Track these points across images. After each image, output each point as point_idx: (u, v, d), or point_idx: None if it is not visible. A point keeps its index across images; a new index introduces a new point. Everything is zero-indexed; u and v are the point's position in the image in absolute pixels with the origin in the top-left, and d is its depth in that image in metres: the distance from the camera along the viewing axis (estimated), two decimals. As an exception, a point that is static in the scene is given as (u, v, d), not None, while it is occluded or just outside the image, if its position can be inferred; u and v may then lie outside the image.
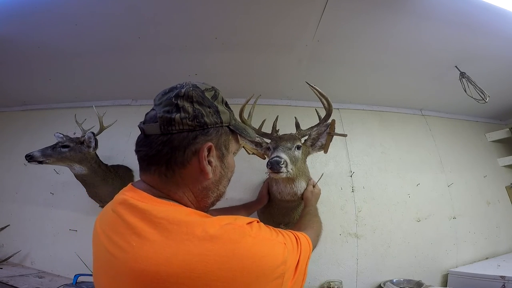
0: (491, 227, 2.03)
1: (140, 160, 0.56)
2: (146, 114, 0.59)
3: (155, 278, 0.42)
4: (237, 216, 0.53)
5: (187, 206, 0.55)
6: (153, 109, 0.58)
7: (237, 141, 0.65)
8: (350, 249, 1.74)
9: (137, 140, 0.58)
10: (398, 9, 1.25)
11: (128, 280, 0.44)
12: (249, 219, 0.53)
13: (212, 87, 0.61)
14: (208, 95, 0.58)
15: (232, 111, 0.64)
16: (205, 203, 0.60)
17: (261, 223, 0.55)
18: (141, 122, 0.58)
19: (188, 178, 0.55)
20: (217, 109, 0.58)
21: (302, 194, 1.25)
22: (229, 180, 0.67)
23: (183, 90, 0.55)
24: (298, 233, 0.63)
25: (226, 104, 0.63)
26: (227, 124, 0.60)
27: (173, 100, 0.54)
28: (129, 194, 0.53)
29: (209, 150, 0.55)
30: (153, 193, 0.53)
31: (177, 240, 0.44)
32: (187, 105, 0.54)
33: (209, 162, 0.56)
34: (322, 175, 1.26)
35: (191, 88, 0.56)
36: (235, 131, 0.62)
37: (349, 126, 2.05)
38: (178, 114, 0.53)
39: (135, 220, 0.48)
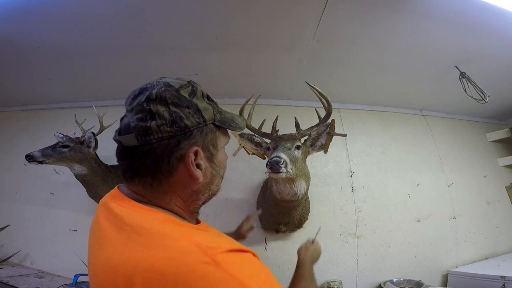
0: (491, 227, 2.03)
1: (123, 172, 0.53)
2: (121, 121, 0.53)
3: (103, 284, 0.43)
4: (229, 238, 0.49)
5: (174, 211, 0.52)
6: (126, 115, 0.52)
7: (225, 134, 0.60)
8: (350, 249, 1.74)
9: (116, 152, 0.53)
10: (398, 9, 1.25)
11: (90, 280, 0.47)
12: (241, 246, 0.47)
13: (188, 82, 0.55)
14: (185, 92, 0.52)
15: (215, 103, 0.58)
16: (195, 205, 0.57)
17: (257, 260, 0.48)
18: (116, 132, 0.53)
19: (177, 185, 0.52)
20: (198, 107, 0.52)
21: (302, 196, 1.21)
22: (222, 177, 0.61)
23: (154, 92, 0.49)
24: None
25: (208, 98, 0.57)
26: (211, 121, 0.54)
27: (145, 105, 0.49)
28: (111, 197, 0.53)
29: (196, 153, 0.51)
30: (135, 198, 0.51)
31: (132, 249, 0.42)
32: (161, 109, 0.48)
33: (198, 166, 0.52)
34: (319, 229, 1.08)
35: (163, 89, 0.50)
36: (222, 126, 0.57)
37: (349, 126, 2.05)
38: (154, 122, 0.47)
39: (107, 223, 0.48)
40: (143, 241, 0.42)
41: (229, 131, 0.62)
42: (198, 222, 0.61)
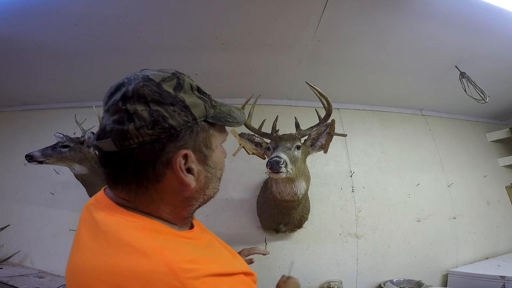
0: (491, 227, 2.03)
1: (106, 178, 0.48)
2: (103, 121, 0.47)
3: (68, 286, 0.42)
4: (218, 254, 0.46)
5: (161, 217, 0.47)
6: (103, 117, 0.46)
7: (222, 131, 0.53)
8: (350, 249, 1.74)
9: (98, 156, 0.47)
10: (398, 9, 1.25)
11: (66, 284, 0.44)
12: (228, 268, 0.43)
13: (172, 73, 0.47)
14: (168, 86, 0.44)
15: (208, 96, 0.51)
16: (188, 211, 0.51)
17: (248, 283, 0.44)
18: (95, 136, 0.46)
19: (165, 193, 0.46)
20: (185, 103, 0.45)
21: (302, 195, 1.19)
22: (220, 179, 0.55)
23: (130, 89, 0.42)
24: None
25: (199, 90, 0.49)
26: (203, 118, 0.47)
27: (120, 104, 0.42)
28: (95, 200, 0.49)
29: (185, 157, 0.45)
30: (119, 202, 0.46)
31: (98, 258, 0.39)
32: (140, 108, 0.42)
33: (190, 170, 0.46)
34: (292, 264, 1.12)
35: (141, 84, 0.43)
36: (217, 123, 0.50)
37: (349, 126, 2.05)
38: (132, 124, 0.41)
39: (84, 228, 0.46)
40: (112, 252, 0.39)
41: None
42: (192, 226, 0.56)
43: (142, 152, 0.42)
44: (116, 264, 0.37)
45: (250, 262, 0.97)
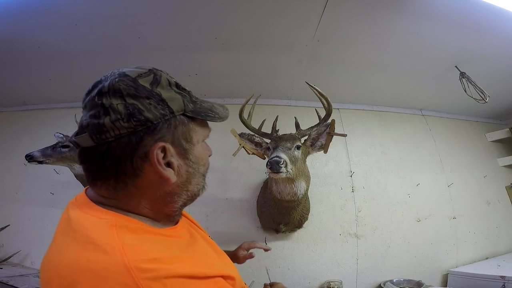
0: (491, 227, 2.03)
1: (85, 175, 0.47)
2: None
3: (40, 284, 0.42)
4: (197, 256, 0.45)
5: (142, 214, 0.47)
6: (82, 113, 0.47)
7: (203, 126, 0.53)
8: (350, 249, 1.74)
9: (77, 153, 0.47)
10: (398, 9, 1.25)
11: None
12: (209, 270, 0.42)
13: (149, 69, 0.47)
14: (145, 82, 0.45)
15: (188, 92, 0.51)
16: (171, 208, 0.50)
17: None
18: (74, 133, 0.47)
19: (145, 188, 0.46)
20: (161, 97, 0.45)
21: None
22: (204, 175, 0.54)
23: (106, 84, 0.43)
24: None
25: (177, 86, 0.49)
26: (181, 112, 0.47)
27: (96, 99, 0.43)
28: (75, 199, 0.49)
29: (164, 150, 0.45)
30: (98, 200, 0.46)
31: (62, 255, 0.40)
32: (115, 102, 0.42)
33: (170, 164, 0.46)
34: (267, 269, 1.13)
35: (116, 79, 0.43)
36: (197, 117, 0.50)
37: (349, 126, 2.05)
38: (107, 117, 0.41)
39: (60, 227, 0.46)
40: (75, 249, 0.39)
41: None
42: (176, 222, 0.55)
43: (119, 145, 0.42)
44: (76, 260, 0.37)
45: (250, 256, 0.97)
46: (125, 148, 0.42)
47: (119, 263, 0.35)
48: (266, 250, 1.03)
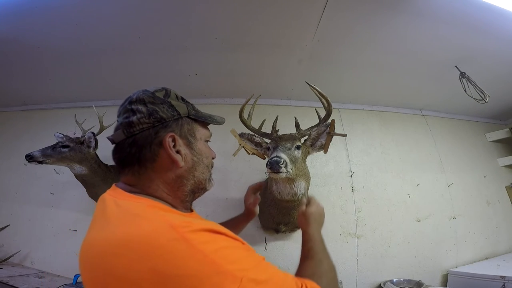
0: (491, 227, 2.03)
1: (116, 165, 0.61)
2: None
3: (84, 262, 0.49)
4: (212, 223, 0.50)
5: (162, 198, 0.58)
6: (117, 121, 0.62)
7: (204, 127, 0.68)
8: (350, 249, 1.74)
9: (112, 151, 0.61)
10: (398, 9, 1.25)
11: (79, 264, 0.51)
12: (218, 228, 0.48)
13: (162, 87, 0.64)
14: (159, 94, 0.62)
15: (191, 104, 0.67)
16: (183, 192, 0.61)
17: (231, 240, 0.48)
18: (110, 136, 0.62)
19: (160, 171, 0.58)
20: (171, 104, 0.61)
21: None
22: (208, 167, 0.67)
23: (134, 96, 0.61)
24: (307, 282, 0.53)
25: (183, 99, 0.66)
26: (186, 115, 0.63)
27: (128, 106, 0.60)
28: (108, 192, 0.60)
29: (174, 140, 0.59)
30: (128, 189, 0.57)
31: (110, 229, 0.48)
32: (140, 106, 0.59)
33: (179, 152, 0.59)
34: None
35: (141, 93, 0.61)
36: (198, 119, 0.65)
37: (349, 126, 2.05)
38: (135, 116, 0.58)
39: (98, 212, 0.55)
40: (122, 223, 0.48)
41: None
42: (191, 211, 0.66)
43: (142, 137, 0.57)
44: (125, 230, 0.46)
45: (257, 200, 1.03)
46: (146, 138, 0.57)
47: (165, 225, 0.45)
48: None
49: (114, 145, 0.61)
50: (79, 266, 0.50)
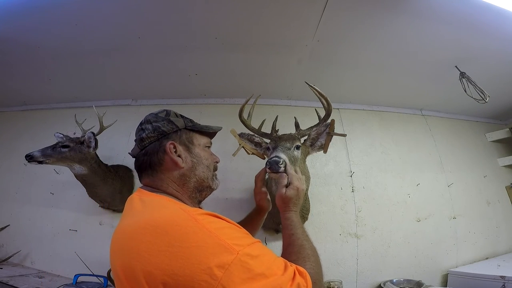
0: (491, 227, 2.03)
1: (137, 172, 0.77)
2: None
3: (115, 246, 0.59)
4: (214, 214, 0.60)
5: (172, 194, 0.72)
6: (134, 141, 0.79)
7: (203, 136, 0.83)
8: (350, 249, 1.74)
9: (134, 163, 0.78)
10: (399, 9, 1.25)
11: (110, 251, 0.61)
12: (219, 216, 0.59)
13: (163, 110, 0.82)
14: (161, 114, 0.79)
15: (187, 118, 0.83)
16: (188, 188, 0.75)
17: (229, 224, 0.58)
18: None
19: (167, 172, 0.73)
20: (170, 119, 0.78)
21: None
22: (209, 167, 0.80)
23: (143, 120, 0.80)
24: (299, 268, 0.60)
25: (181, 116, 0.82)
26: (183, 127, 0.79)
27: (139, 127, 0.78)
28: (135, 193, 0.72)
29: (175, 147, 0.74)
30: (149, 190, 0.71)
31: (138, 216, 0.60)
32: (147, 125, 0.76)
33: (179, 155, 0.74)
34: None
35: (148, 116, 0.80)
36: (194, 129, 0.81)
37: (349, 126, 2.05)
38: (144, 133, 0.75)
39: (128, 207, 0.67)
40: (148, 211, 0.60)
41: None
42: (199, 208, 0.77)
43: (151, 148, 0.74)
44: (149, 215, 0.58)
45: (264, 194, 1.05)
46: (153, 148, 0.74)
47: (180, 210, 0.58)
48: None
49: (134, 158, 0.78)
50: (110, 254, 0.59)
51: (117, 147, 1.87)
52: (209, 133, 0.85)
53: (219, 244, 0.50)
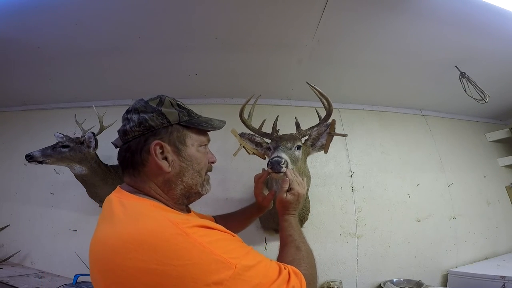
0: (491, 227, 2.03)
1: (120, 166, 0.67)
2: None
3: (94, 255, 0.54)
4: (205, 221, 0.55)
5: (155, 197, 0.63)
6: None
7: (199, 134, 0.70)
8: (350, 249, 1.74)
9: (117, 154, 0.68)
10: (398, 9, 1.25)
11: (89, 258, 0.55)
12: (210, 224, 0.54)
13: (158, 96, 0.69)
14: (153, 103, 0.66)
15: (187, 110, 0.70)
16: (173, 195, 0.66)
17: (223, 234, 0.54)
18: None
19: (150, 175, 0.63)
20: (161, 112, 0.65)
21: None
22: (199, 172, 0.69)
23: (131, 106, 0.67)
24: (295, 270, 0.59)
25: (178, 106, 0.69)
26: (176, 122, 0.66)
27: (125, 115, 0.67)
28: (114, 193, 0.64)
29: (161, 147, 0.63)
30: (129, 190, 0.63)
31: (120, 225, 0.53)
32: (133, 116, 0.64)
33: (166, 158, 0.63)
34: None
35: (137, 102, 0.67)
36: (191, 126, 0.68)
37: (349, 126, 2.05)
38: (129, 125, 0.64)
39: (106, 210, 0.59)
40: (131, 220, 0.53)
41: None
42: (189, 212, 0.72)
43: (134, 143, 0.63)
44: (134, 226, 0.51)
45: (266, 174, 1.03)
46: (137, 145, 0.63)
47: (168, 222, 0.51)
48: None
49: (117, 149, 0.68)
50: (89, 261, 0.55)
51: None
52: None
53: (215, 260, 0.47)
